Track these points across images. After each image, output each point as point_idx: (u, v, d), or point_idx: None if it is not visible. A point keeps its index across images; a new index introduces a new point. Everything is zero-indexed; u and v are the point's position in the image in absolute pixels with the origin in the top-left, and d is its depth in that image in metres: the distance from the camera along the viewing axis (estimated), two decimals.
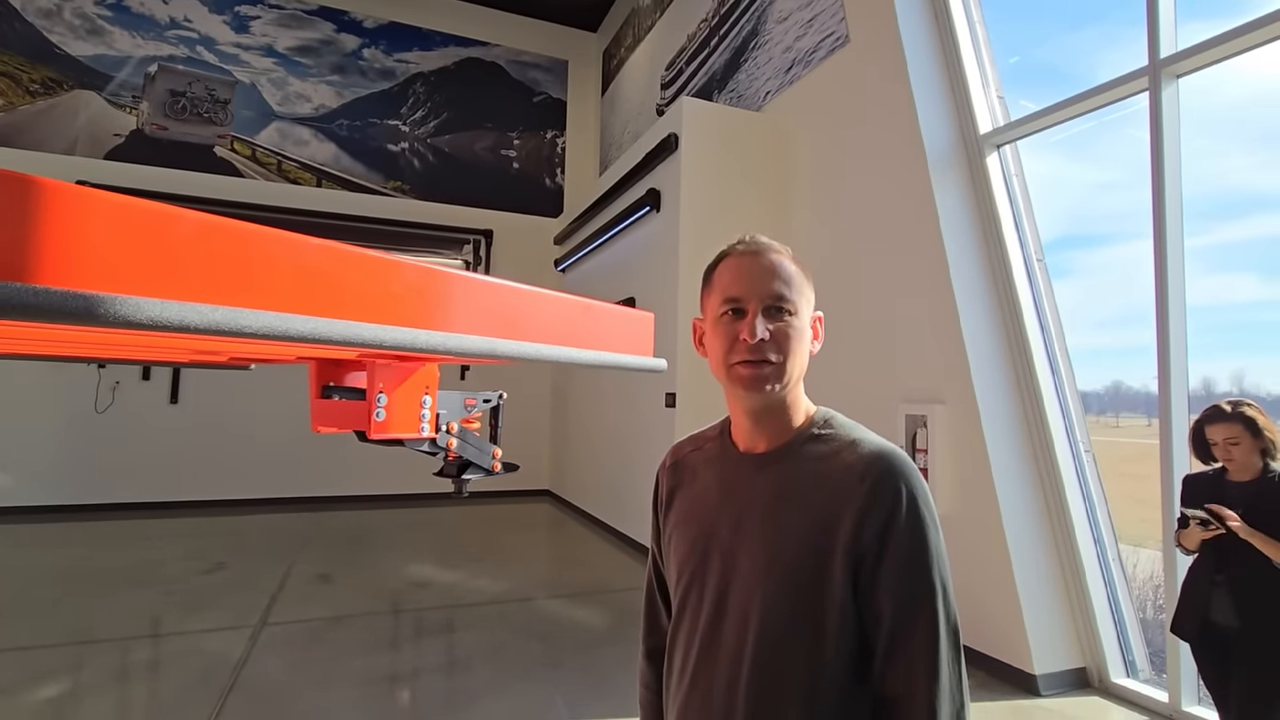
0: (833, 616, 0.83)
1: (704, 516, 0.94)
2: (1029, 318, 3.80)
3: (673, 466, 1.05)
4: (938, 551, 0.85)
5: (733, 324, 0.88)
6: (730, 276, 0.90)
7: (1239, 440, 2.23)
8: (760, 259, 0.90)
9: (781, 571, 0.85)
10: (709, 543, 0.92)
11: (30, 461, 6.94)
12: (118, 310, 0.67)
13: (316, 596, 4.63)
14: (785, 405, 0.92)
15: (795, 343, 0.88)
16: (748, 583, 0.87)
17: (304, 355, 1.91)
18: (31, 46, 7.85)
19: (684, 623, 0.94)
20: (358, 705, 3.06)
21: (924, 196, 3.97)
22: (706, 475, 0.98)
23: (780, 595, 0.84)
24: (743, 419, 0.94)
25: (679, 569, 0.96)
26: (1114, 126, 3.81)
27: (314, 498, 7.81)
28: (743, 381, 0.87)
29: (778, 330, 0.87)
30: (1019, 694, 3.31)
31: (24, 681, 3.15)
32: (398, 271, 1.06)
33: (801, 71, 5.27)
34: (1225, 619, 2.23)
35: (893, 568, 0.82)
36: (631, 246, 6.51)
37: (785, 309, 0.88)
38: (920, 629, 0.82)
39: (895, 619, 0.82)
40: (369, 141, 9.13)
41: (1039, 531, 3.58)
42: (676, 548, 0.97)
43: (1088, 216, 4.44)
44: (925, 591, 0.83)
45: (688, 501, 0.99)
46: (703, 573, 0.92)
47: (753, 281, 0.88)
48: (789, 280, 0.89)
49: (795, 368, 0.89)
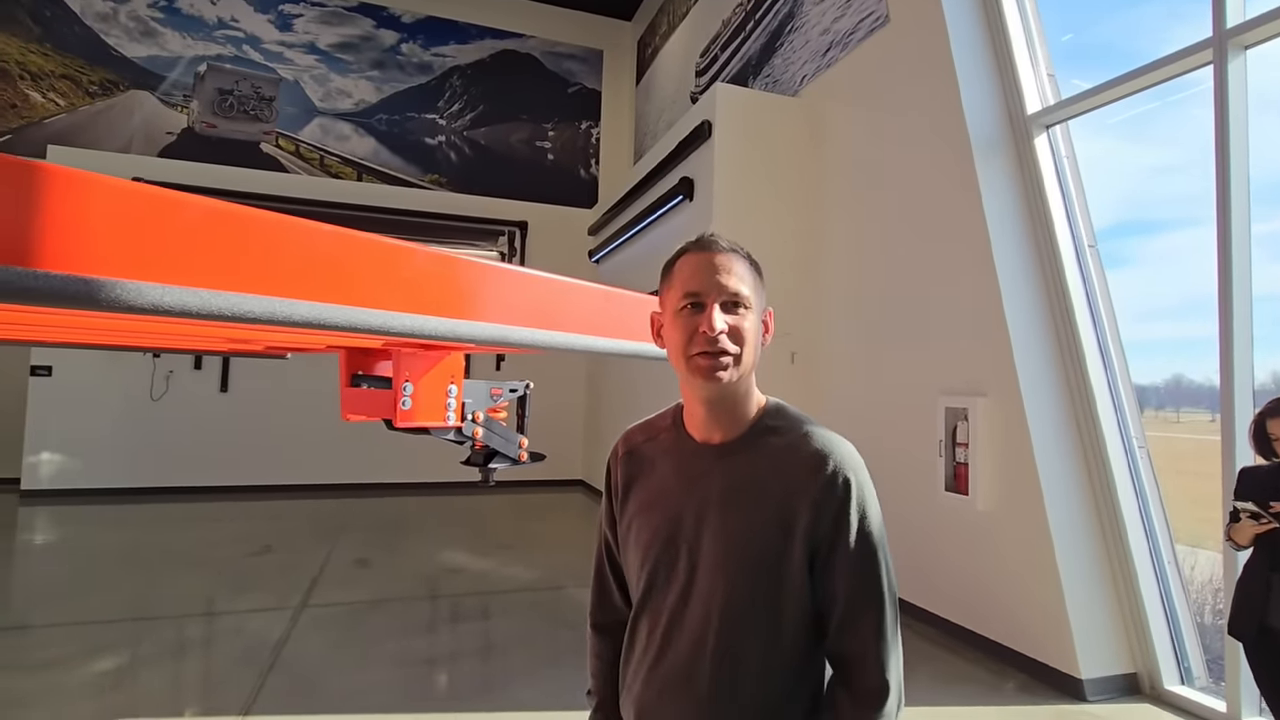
0: (790, 594, 0.94)
1: (666, 506, 1.00)
2: (1079, 307, 3.63)
3: (627, 456, 1.10)
4: (881, 534, 0.97)
5: (692, 317, 0.95)
6: (689, 272, 0.97)
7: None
8: (717, 257, 0.96)
9: (744, 556, 0.94)
10: (673, 530, 0.98)
11: (92, 446, 7.30)
12: (118, 294, 0.67)
13: (355, 580, 4.75)
14: (739, 396, 0.98)
15: (750, 335, 0.95)
16: (712, 567, 0.95)
17: (333, 344, 1.93)
18: (90, 49, 8.18)
19: (649, 604, 1.01)
20: (392, 687, 3.13)
21: (967, 180, 3.82)
22: (664, 465, 1.04)
23: (743, 577, 0.93)
24: (698, 408, 0.99)
25: (642, 555, 1.01)
26: (1175, 106, 3.60)
27: (353, 484, 8.02)
28: (702, 371, 0.93)
29: (734, 324, 0.94)
30: (1064, 699, 3.19)
31: (79, 655, 3.31)
32: (409, 257, 1.05)
33: (839, 54, 5.12)
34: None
35: (845, 550, 0.94)
36: (665, 236, 6.45)
37: (741, 303, 0.95)
38: (870, 602, 0.94)
39: (849, 594, 0.94)
40: (407, 135, 9.27)
41: (1087, 530, 3.43)
42: (638, 535, 1.03)
43: (1145, 201, 4.21)
44: (873, 570, 0.95)
45: (647, 491, 1.04)
46: (669, 558, 0.98)
47: (711, 277, 0.95)
48: (743, 277, 0.96)
49: (749, 359, 0.96)
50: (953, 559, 3.86)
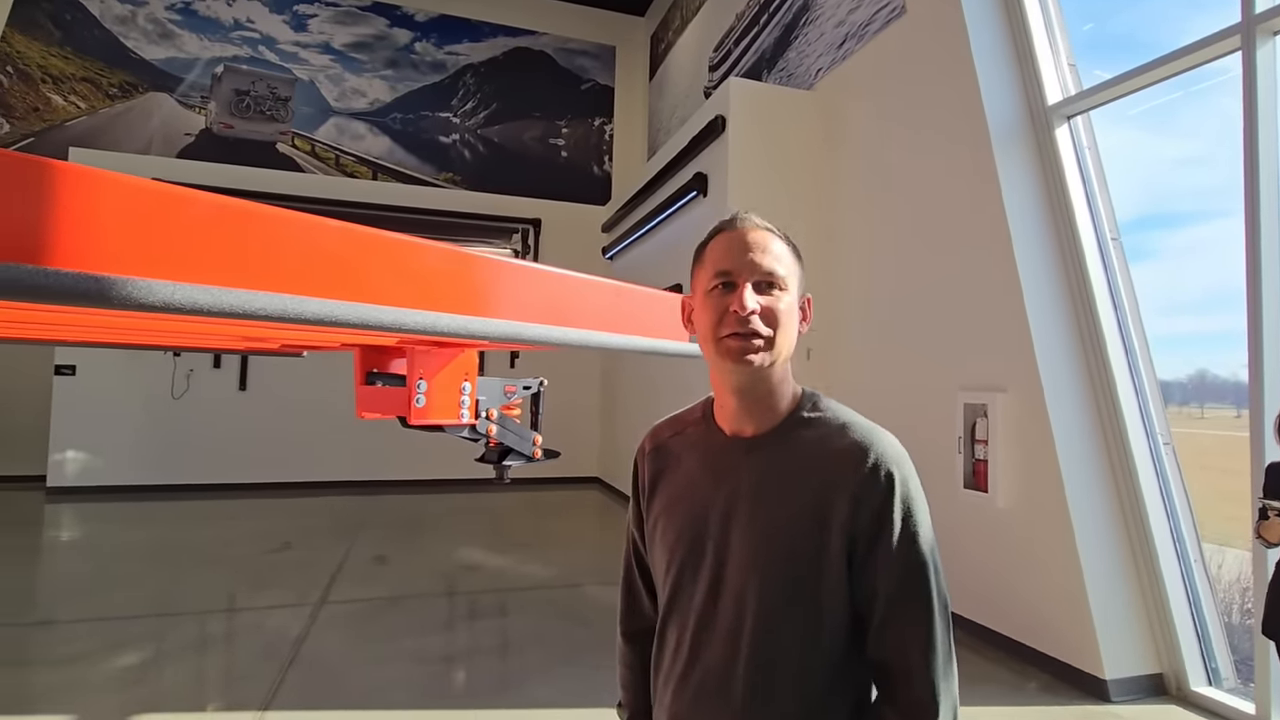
0: (828, 593, 0.86)
1: (693, 501, 0.94)
2: (1102, 301, 3.55)
3: (654, 451, 1.04)
4: (929, 532, 0.88)
5: (723, 297, 0.88)
6: (721, 251, 0.91)
7: None
8: (750, 234, 0.91)
9: (777, 553, 0.87)
10: (701, 527, 0.92)
11: (115, 444, 7.43)
12: (129, 292, 0.66)
13: (373, 577, 4.78)
14: (772, 384, 0.91)
15: (785, 318, 0.88)
16: (742, 565, 0.88)
17: (348, 342, 1.94)
18: (109, 52, 8.30)
19: (677, 606, 0.95)
20: (409, 683, 3.14)
21: (986, 172, 3.75)
22: (691, 460, 0.97)
23: (776, 576, 0.87)
24: (729, 398, 0.93)
25: (669, 554, 0.95)
26: (1199, 96, 3.51)
27: (373, 481, 8.09)
28: (731, 354, 0.87)
29: (768, 305, 0.87)
30: (1088, 699, 3.13)
31: (102, 650, 3.37)
32: (421, 254, 1.04)
33: (855, 46, 5.06)
34: None
35: (888, 547, 0.85)
36: (679, 232, 6.42)
37: (775, 284, 0.88)
38: (915, 604, 0.86)
39: (891, 594, 0.85)
40: (421, 134, 9.31)
41: (1111, 528, 3.37)
42: (664, 534, 0.97)
43: (1170, 193, 4.11)
44: (919, 570, 0.86)
45: (674, 487, 0.98)
46: (696, 557, 0.92)
47: (743, 256, 0.88)
48: (780, 257, 0.90)
49: (784, 344, 0.89)
50: (973, 556, 3.80)
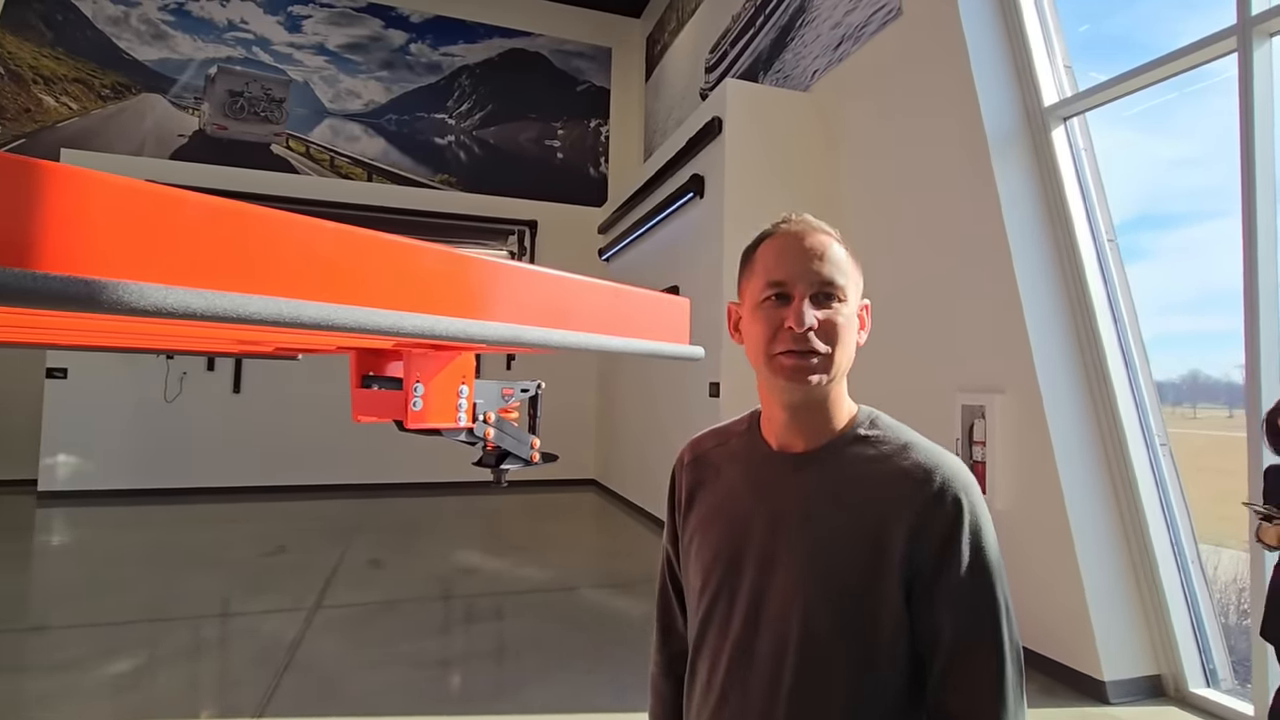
0: (884, 628, 0.77)
1: (733, 519, 0.87)
2: (1099, 302, 3.56)
3: (693, 462, 0.97)
4: (1000, 568, 0.79)
5: (776, 310, 0.81)
6: (774, 258, 0.83)
7: None
8: (807, 240, 0.83)
9: (825, 579, 0.79)
10: (740, 547, 0.85)
11: (107, 447, 7.37)
12: (120, 296, 0.64)
13: (369, 581, 4.75)
14: (828, 401, 0.85)
15: (844, 332, 0.81)
16: (786, 591, 0.80)
17: (344, 345, 1.92)
18: (102, 53, 8.24)
19: (710, 633, 0.87)
20: (406, 688, 3.12)
21: (983, 174, 3.76)
22: (733, 473, 0.90)
23: (824, 605, 0.78)
24: (779, 413, 0.86)
25: (704, 575, 0.88)
26: (1197, 97, 3.52)
27: (368, 484, 8.05)
28: (786, 372, 0.80)
29: (826, 319, 0.80)
30: (1086, 701, 3.13)
31: (96, 656, 3.33)
32: (418, 256, 1.02)
33: (851, 48, 5.06)
34: None
35: (954, 582, 0.77)
36: (675, 234, 6.42)
37: (834, 295, 0.81)
38: (983, 648, 0.77)
39: (956, 636, 0.77)
40: (417, 135, 9.28)
41: (1109, 529, 3.37)
42: (700, 552, 0.90)
43: (1165, 194, 4.13)
44: (989, 609, 0.77)
45: (712, 501, 0.91)
46: (733, 579, 0.85)
47: (799, 264, 0.81)
48: (838, 264, 0.82)
49: (843, 360, 0.82)
50: None
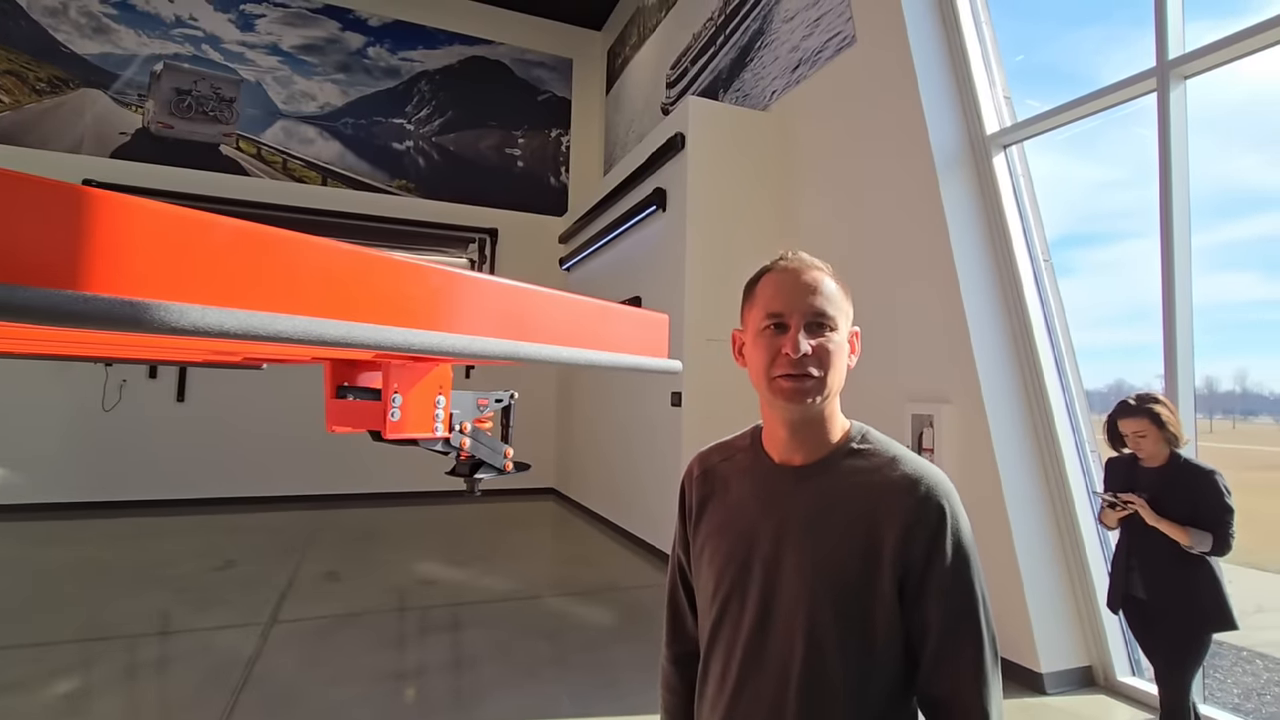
0: (881, 623, 0.87)
1: (742, 527, 0.95)
2: (1035, 317, 3.81)
3: (702, 476, 1.05)
4: (978, 566, 0.91)
5: (775, 338, 0.91)
6: (773, 291, 0.93)
7: (1145, 433, 2.46)
8: (802, 275, 0.93)
9: (829, 580, 0.88)
10: (749, 553, 0.93)
11: (39, 459, 6.98)
12: (162, 316, 0.69)
13: (325, 594, 4.65)
14: (823, 418, 0.95)
15: (835, 357, 0.92)
16: (794, 592, 0.89)
17: (319, 356, 1.93)
18: (37, 44, 7.87)
19: (723, 633, 0.95)
20: (367, 701, 3.09)
21: (931, 196, 3.98)
22: (741, 486, 0.99)
23: (827, 601, 0.87)
24: (780, 430, 0.95)
25: (716, 579, 0.96)
26: (1119, 124, 3.82)
27: (320, 495, 7.83)
28: (785, 394, 0.90)
29: (819, 345, 0.90)
30: (1026, 692, 3.33)
31: (40, 677, 3.18)
32: (421, 275, 1.07)
33: (808, 71, 5.27)
34: (1140, 593, 2.49)
35: (940, 580, 0.87)
36: (637, 246, 6.52)
37: (826, 325, 0.92)
38: (966, 636, 0.87)
39: (942, 627, 0.87)
40: (374, 140, 9.15)
41: (1045, 531, 3.60)
42: (711, 559, 0.98)
43: (1092, 214, 4.45)
44: (970, 603, 0.89)
45: (723, 512, 0.99)
46: (744, 583, 0.93)
47: (795, 297, 0.91)
48: (830, 297, 0.93)
49: (835, 381, 0.92)
50: None
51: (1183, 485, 2.40)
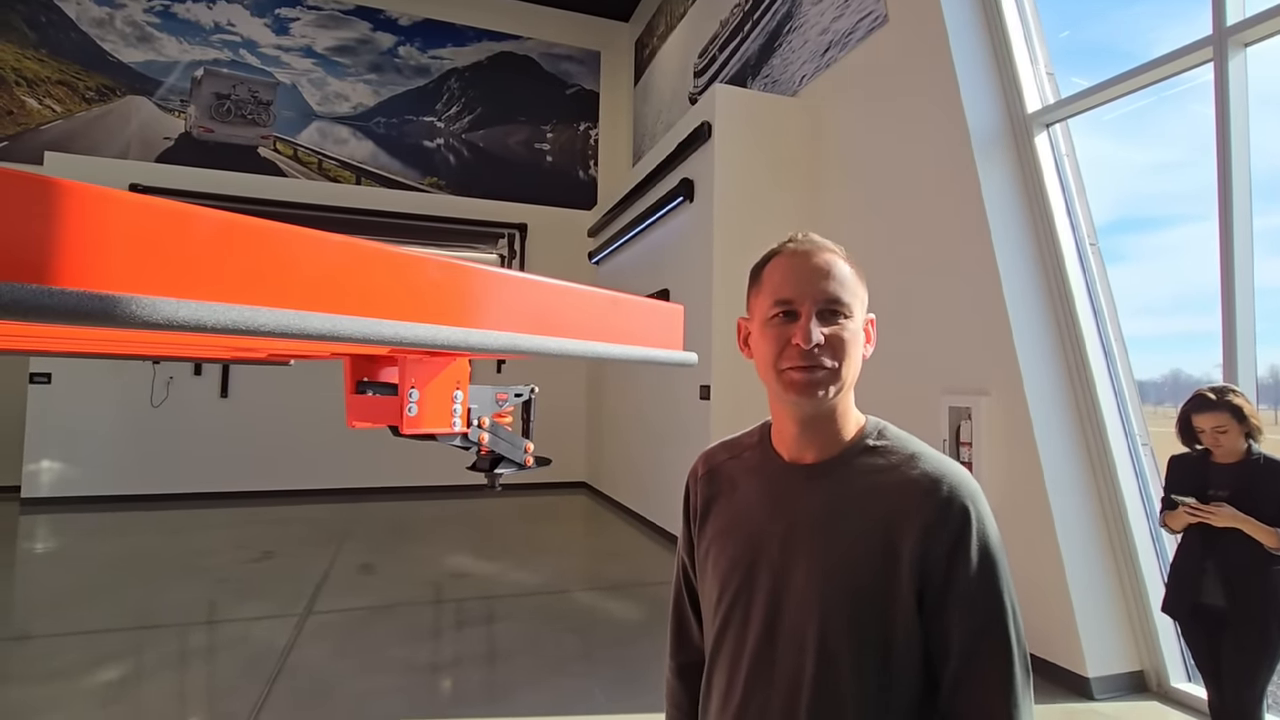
0: (897, 633, 0.80)
1: (748, 530, 0.89)
2: (1081, 304, 3.63)
3: (707, 475, 0.99)
4: (1006, 573, 0.83)
5: (784, 327, 0.84)
6: (781, 276, 0.86)
7: (1226, 428, 2.28)
8: (813, 258, 0.85)
9: (840, 585, 0.81)
10: (755, 557, 0.87)
11: (93, 454, 7.28)
12: (133, 310, 0.66)
13: (360, 586, 4.74)
14: (836, 413, 0.88)
15: (850, 347, 0.84)
16: (803, 600, 0.83)
17: (338, 351, 1.93)
18: (86, 55, 8.16)
19: (727, 642, 0.89)
20: (399, 693, 3.12)
21: (968, 180, 3.82)
22: (748, 485, 0.93)
23: (840, 610, 0.81)
24: (790, 426, 0.89)
25: (720, 585, 0.90)
26: (1172, 102, 3.60)
27: (355, 489, 8.01)
28: (795, 387, 0.83)
29: (832, 334, 0.83)
30: (1071, 697, 3.18)
31: (88, 664, 3.30)
32: (420, 267, 1.04)
33: (838, 54, 5.12)
34: (1214, 599, 2.31)
35: (964, 588, 0.80)
36: (665, 238, 6.45)
37: (840, 312, 0.84)
38: (993, 652, 0.80)
39: (966, 639, 0.80)
40: (405, 138, 9.26)
41: (1093, 528, 3.43)
42: (716, 562, 0.92)
43: (1144, 198, 4.21)
44: (997, 613, 0.81)
45: (728, 513, 0.93)
46: (749, 589, 0.87)
47: (805, 282, 0.84)
48: (843, 281, 0.85)
49: (849, 373, 0.85)
50: None
51: (1265, 482, 2.23)
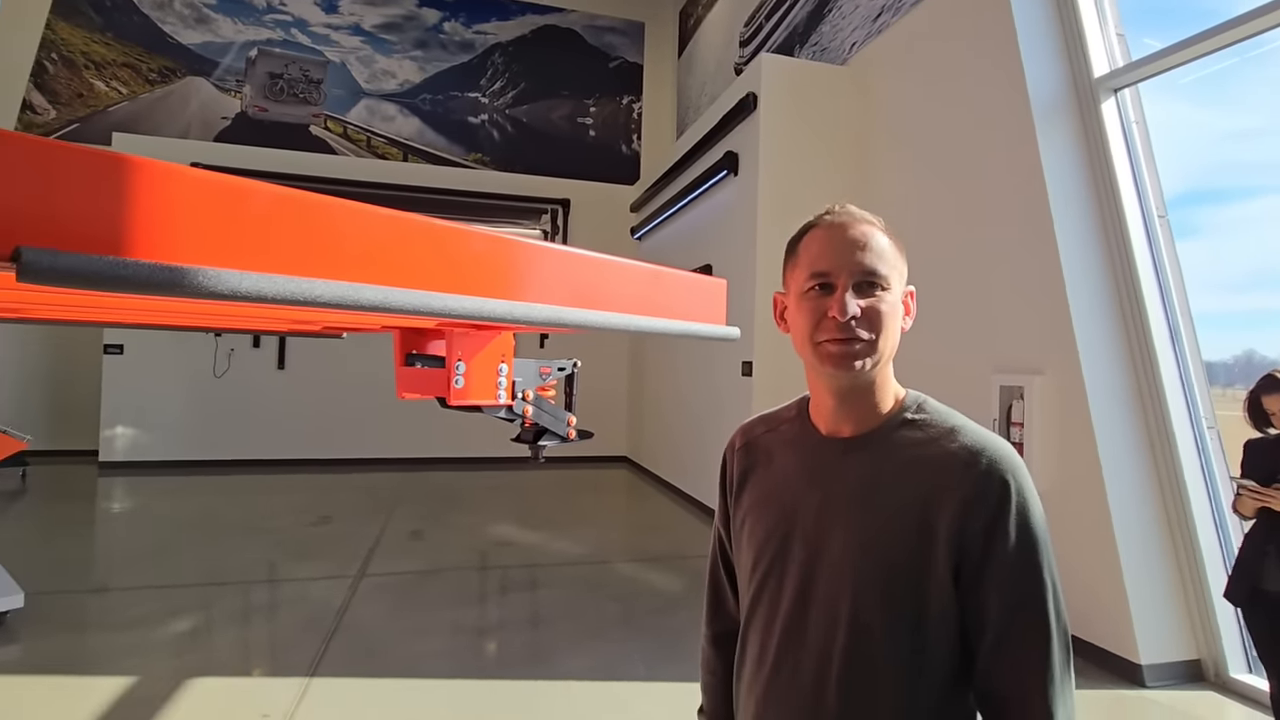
0: (932, 608, 0.80)
1: (785, 501, 0.90)
2: (1146, 280, 3.45)
3: (744, 448, 1.00)
4: (1048, 550, 0.81)
5: (820, 300, 0.83)
6: (818, 249, 0.85)
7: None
8: (850, 230, 0.84)
9: (875, 559, 0.81)
10: (790, 529, 0.88)
11: (161, 420, 7.72)
12: (200, 281, 0.70)
13: (410, 551, 4.93)
14: (874, 386, 0.87)
15: (888, 319, 0.83)
16: (836, 571, 0.83)
17: (388, 324, 1.99)
18: (148, 37, 8.46)
19: (760, 611, 0.90)
20: (447, 652, 3.26)
21: (1028, 148, 3.65)
22: (785, 458, 0.93)
23: (874, 584, 0.81)
24: (827, 399, 0.88)
25: (755, 555, 0.91)
26: (1256, 64, 3.35)
27: (405, 459, 8.28)
28: (831, 360, 0.82)
29: (869, 307, 0.82)
30: (1121, 684, 3.11)
31: (161, 615, 3.55)
32: (465, 240, 1.06)
33: (891, 19, 4.92)
34: (1275, 586, 2.24)
35: (1002, 563, 0.79)
36: (708, 212, 6.38)
37: (877, 284, 0.83)
38: (1031, 629, 0.79)
39: (1003, 616, 0.79)
40: (450, 115, 9.34)
41: (1150, 512, 3.31)
42: (751, 533, 0.93)
43: (1221, 167, 3.95)
44: (1037, 591, 0.80)
45: (765, 485, 0.94)
46: (783, 560, 0.88)
47: (842, 254, 0.83)
48: (881, 253, 0.84)
49: (887, 346, 0.84)
50: None
51: None
